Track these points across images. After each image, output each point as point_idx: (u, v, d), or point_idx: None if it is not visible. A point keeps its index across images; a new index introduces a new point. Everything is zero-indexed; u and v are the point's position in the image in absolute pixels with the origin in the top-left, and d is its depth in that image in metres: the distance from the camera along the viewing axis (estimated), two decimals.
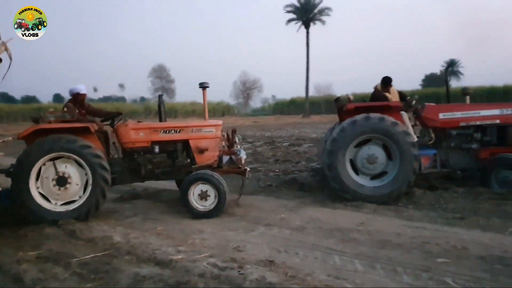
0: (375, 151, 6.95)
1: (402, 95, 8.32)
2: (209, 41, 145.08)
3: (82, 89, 7.04)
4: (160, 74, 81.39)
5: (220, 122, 7.12)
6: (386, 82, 8.17)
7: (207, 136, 6.85)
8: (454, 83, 75.77)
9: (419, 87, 66.95)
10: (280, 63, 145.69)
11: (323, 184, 8.07)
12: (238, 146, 7.10)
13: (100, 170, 6.07)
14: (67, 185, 6.11)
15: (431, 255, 4.38)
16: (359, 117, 6.88)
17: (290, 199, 7.33)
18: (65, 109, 6.69)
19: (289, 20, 58.59)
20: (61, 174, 6.08)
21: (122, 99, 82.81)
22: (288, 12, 58.81)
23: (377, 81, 8.25)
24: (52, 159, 6.08)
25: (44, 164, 6.08)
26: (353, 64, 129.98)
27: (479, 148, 7.41)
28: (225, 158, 6.96)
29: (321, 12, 57.61)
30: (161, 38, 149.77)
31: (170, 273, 4.00)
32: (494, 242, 4.73)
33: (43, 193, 6.08)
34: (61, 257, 4.61)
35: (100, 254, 4.67)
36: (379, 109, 7.08)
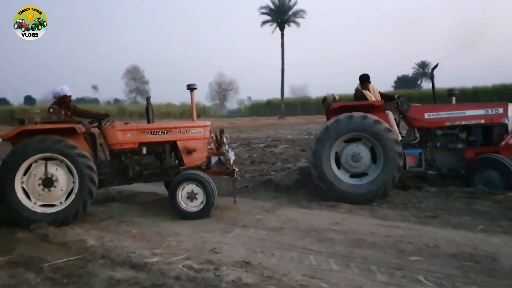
0: (362, 151, 7.02)
1: (382, 95, 8.45)
2: (184, 42, 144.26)
3: (67, 90, 6.98)
4: (135, 76, 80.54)
5: (208, 123, 7.08)
6: (364, 79, 8.30)
7: (195, 137, 6.81)
8: (425, 85, 77.38)
9: (392, 89, 68.03)
10: (256, 64, 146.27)
11: (299, 185, 8.14)
12: (226, 147, 7.10)
13: (89, 182, 5.99)
14: (52, 188, 6.00)
15: (404, 254, 4.46)
16: (356, 114, 6.97)
17: (266, 200, 7.35)
18: (51, 110, 6.62)
19: (264, 22, 58.83)
20: (49, 175, 5.98)
21: (96, 100, 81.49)
22: (263, 13, 59.07)
23: (352, 82, 8.41)
24: (46, 159, 5.98)
25: (36, 161, 5.98)
26: (328, 65, 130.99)
27: (464, 148, 7.46)
28: (214, 159, 6.94)
29: (296, 14, 58.05)
30: (135, 39, 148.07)
31: (145, 276, 3.97)
32: (465, 239, 4.84)
33: (26, 190, 5.97)
34: (33, 262, 4.52)
35: (73, 258, 4.59)
36: (363, 108, 7.16)
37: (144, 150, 6.63)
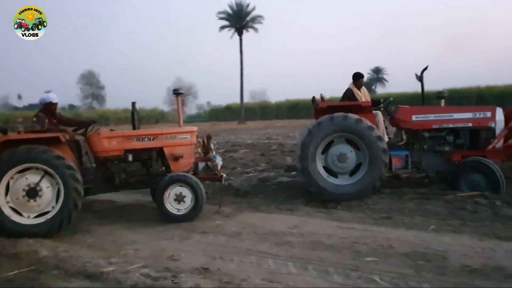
0: (352, 157, 7.07)
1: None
2: (142, 46, 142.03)
3: (53, 98, 6.84)
4: (90, 81, 78.72)
5: (195, 128, 7.00)
6: (357, 77, 8.33)
7: (182, 143, 6.72)
8: (379, 90, 79.65)
9: None
10: (215, 69, 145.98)
11: (258, 190, 8.19)
12: (214, 152, 7.07)
13: (74, 197, 5.77)
14: (31, 201, 5.76)
15: (360, 255, 4.56)
16: (337, 114, 7.01)
17: (225, 205, 7.28)
18: (35, 119, 6.42)
19: (222, 27, 58.90)
20: (37, 188, 5.75)
21: None
22: (221, 19, 59.13)
23: (311, 87, 8.54)
24: (48, 173, 5.77)
25: (37, 169, 5.76)
26: (287, 70, 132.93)
27: (451, 151, 7.41)
28: (201, 165, 6.91)
29: (254, 19, 58.42)
30: (90, 43, 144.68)
31: (101, 286, 3.90)
32: (417, 239, 5.00)
33: (10, 187, 5.75)
34: None
35: (25, 270, 4.43)
36: (350, 109, 7.20)
37: (130, 157, 6.51)
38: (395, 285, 3.79)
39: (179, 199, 6.20)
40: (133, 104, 7.04)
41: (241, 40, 57.38)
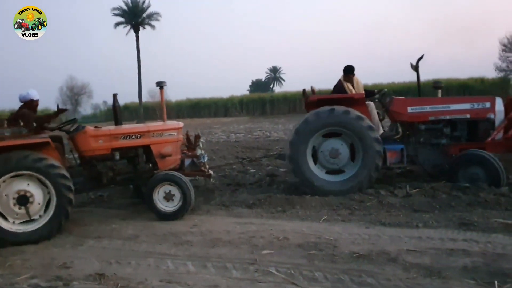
0: (344, 151, 6.97)
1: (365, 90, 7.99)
2: (28, 42, 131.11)
3: (34, 94, 6.43)
4: None
5: (181, 124, 6.82)
6: (348, 70, 7.85)
7: (169, 140, 6.56)
8: (277, 89, 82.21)
9: (247, 92, 70.71)
10: (111, 67, 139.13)
11: None
12: (202, 151, 6.90)
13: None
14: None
15: (257, 248, 4.70)
16: (338, 108, 6.85)
17: (122, 208, 7.10)
18: (22, 123, 5.88)
19: (117, 24, 56.68)
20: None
21: None
22: (116, 15, 56.84)
23: (211, 85, 8.47)
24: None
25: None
26: (187, 69, 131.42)
27: (448, 144, 7.18)
28: (187, 161, 6.79)
29: (150, 16, 56.95)
30: None
31: None
32: (310, 230, 5.27)
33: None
34: None
35: None
36: (342, 102, 7.02)
37: (117, 156, 6.24)
38: (290, 276, 3.96)
39: (168, 197, 6.13)
40: (115, 96, 6.77)
41: (137, 37, 55.66)
